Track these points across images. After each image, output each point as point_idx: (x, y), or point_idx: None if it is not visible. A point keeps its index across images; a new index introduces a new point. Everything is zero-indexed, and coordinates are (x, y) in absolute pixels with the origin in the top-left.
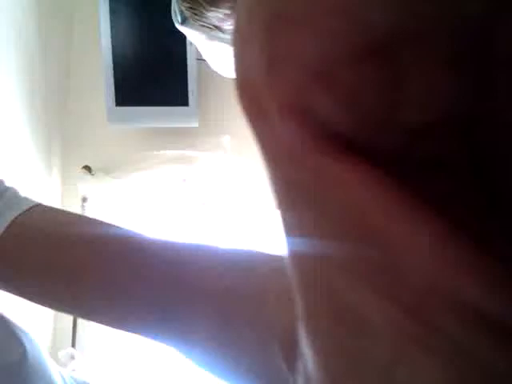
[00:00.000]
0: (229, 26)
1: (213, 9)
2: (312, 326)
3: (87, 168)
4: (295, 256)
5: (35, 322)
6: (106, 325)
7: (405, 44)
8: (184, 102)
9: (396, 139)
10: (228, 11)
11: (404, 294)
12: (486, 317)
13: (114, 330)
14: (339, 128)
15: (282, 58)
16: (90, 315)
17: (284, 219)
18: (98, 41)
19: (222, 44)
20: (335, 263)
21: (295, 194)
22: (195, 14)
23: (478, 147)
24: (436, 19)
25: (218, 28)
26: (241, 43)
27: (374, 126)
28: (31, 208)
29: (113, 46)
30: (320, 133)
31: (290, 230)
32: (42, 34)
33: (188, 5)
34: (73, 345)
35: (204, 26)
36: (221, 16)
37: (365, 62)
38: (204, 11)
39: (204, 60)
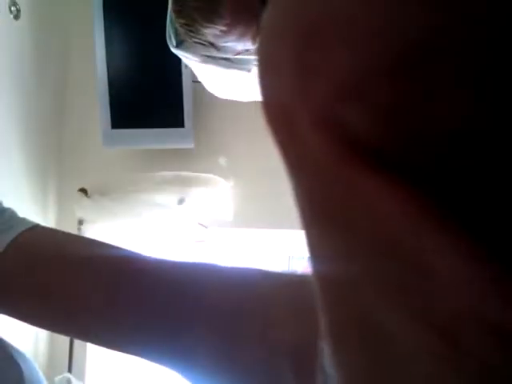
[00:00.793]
0: (224, 43)
1: (209, 25)
2: (340, 346)
3: (83, 190)
4: (323, 276)
5: (31, 346)
6: (108, 347)
7: (441, 56)
8: (180, 123)
9: (429, 152)
10: (224, 28)
11: (438, 318)
12: None
13: (111, 354)
14: (373, 142)
15: (317, 72)
16: (90, 338)
17: (310, 237)
18: (93, 64)
19: (216, 67)
20: (366, 284)
21: (325, 210)
22: (190, 31)
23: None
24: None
25: (212, 45)
26: (268, 57)
27: (409, 139)
28: (30, 228)
29: (108, 69)
30: (354, 148)
31: (317, 248)
32: (39, 58)
33: (183, 21)
34: (69, 370)
35: (199, 42)
36: (217, 33)
37: (400, 75)
38: (200, 27)
39: (199, 82)
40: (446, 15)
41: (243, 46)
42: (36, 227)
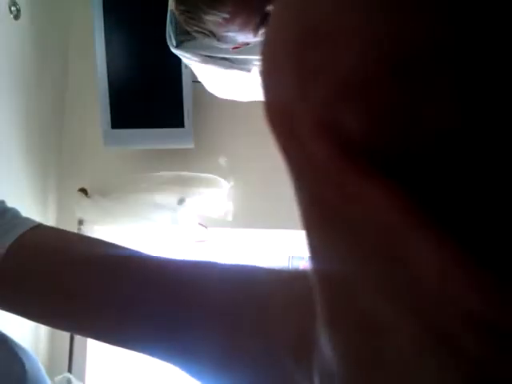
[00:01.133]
0: (225, 32)
1: (212, 12)
2: (338, 341)
3: (83, 190)
4: (322, 274)
5: (31, 345)
6: (109, 343)
7: (434, 61)
8: (179, 123)
9: (426, 157)
10: (226, 15)
11: (434, 318)
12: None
13: (111, 354)
14: (372, 146)
15: (317, 73)
16: (90, 334)
17: (311, 238)
18: (93, 64)
19: (216, 67)
20: (364, 284)
21: (325, 212)
22: (191, 18)
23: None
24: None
25: (213, 34)
26: (271, 57)
27: (406, 142)
28: (33, 228)
29: (108, 69)
30: (352, 152)
31: (318, 249)
32: (39, 58)
33: (184, 7)
34: (69, 370)
35: (199, 31)
36: (219, 20)
37: (398, 78)
38: (202, 14)
39: (199, 82)
40: (439, 29)
41: (244, 38)
42: (39, 227)
